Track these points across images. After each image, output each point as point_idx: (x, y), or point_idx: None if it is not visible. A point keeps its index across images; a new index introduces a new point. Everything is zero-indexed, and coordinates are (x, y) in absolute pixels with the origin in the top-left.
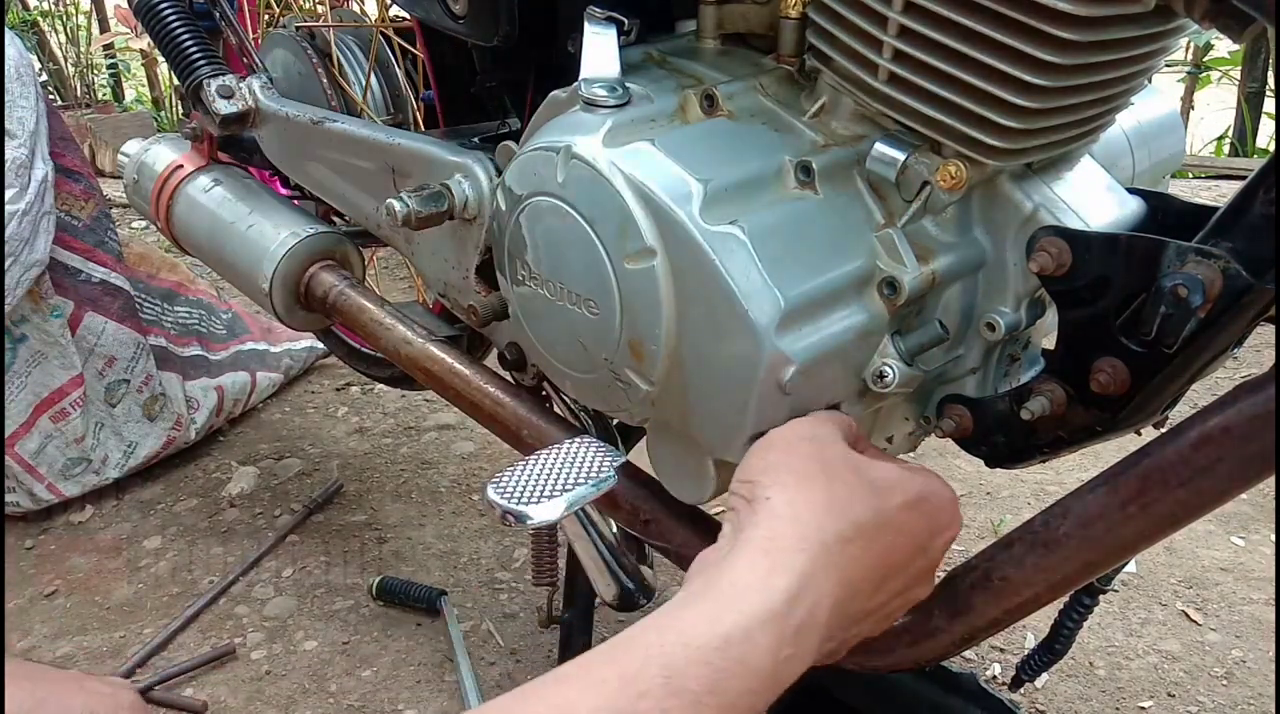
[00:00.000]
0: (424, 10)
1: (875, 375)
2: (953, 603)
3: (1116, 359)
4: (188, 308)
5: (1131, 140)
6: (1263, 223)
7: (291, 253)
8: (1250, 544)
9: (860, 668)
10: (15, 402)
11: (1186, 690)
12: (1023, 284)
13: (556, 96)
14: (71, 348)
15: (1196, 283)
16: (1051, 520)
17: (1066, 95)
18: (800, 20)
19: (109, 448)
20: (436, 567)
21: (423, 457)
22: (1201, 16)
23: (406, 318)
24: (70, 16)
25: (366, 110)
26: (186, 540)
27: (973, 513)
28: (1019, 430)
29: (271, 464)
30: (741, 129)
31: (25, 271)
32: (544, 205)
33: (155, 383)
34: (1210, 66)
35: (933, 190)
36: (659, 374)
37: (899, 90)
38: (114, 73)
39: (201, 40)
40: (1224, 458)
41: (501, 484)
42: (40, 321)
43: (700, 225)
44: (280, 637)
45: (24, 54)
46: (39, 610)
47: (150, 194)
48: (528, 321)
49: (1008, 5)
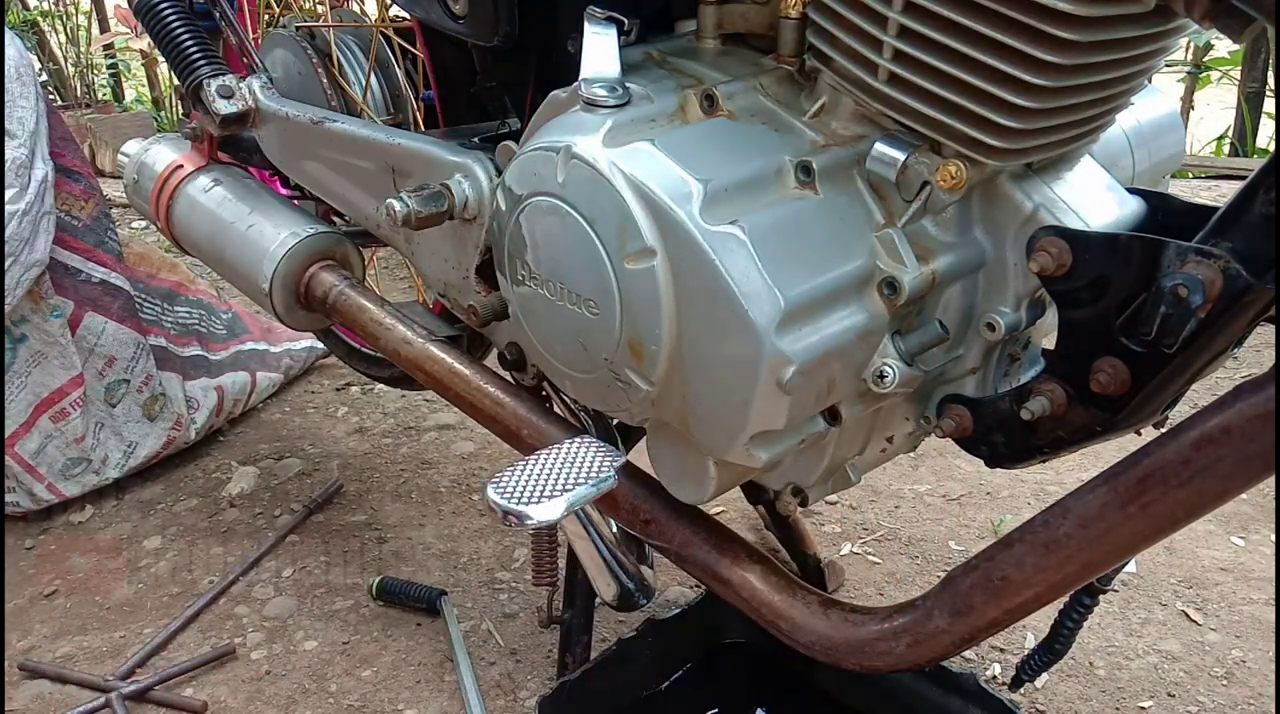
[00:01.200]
0: (424, 10)
1: (875, 375)
2: (953, 603)
3: (1116, 359)
4: (188, 308)
5: (1131, 140)
6: (1263, 223)
7: (291, 253)
8: (1250, 544)
9: (860, 668)
10: (15, 401)
11: (1186, 690)
12: (1023, 284)
13: (556, 96)
14: (71, 348)
15: (1196, 283)
16: (1051, 520)
17: (1067, 95)
18: (800, 20)
19: (109, 448)
20: (436, 567)
21: (423, 457)
22: (1201, 16)
23: (406, 318)
24: (70, 16)
25: (366, 110)
26: (186, 540)
27: (973, 513)
28: (1019, 430)
29: (271, 464)
30: (741, 129)
31: (25, 271)
32: (544, 205)
33: (155, 383)
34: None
35: (933, 190)
36: (659, 374)
37: (899, 90)
38: (114, 73)
39: (201, 40)
40: (1224, 458)
41: (502, 484)
42: (40, 321)
43: (700, 225)
44: (280, 637)
45: (24, 54)
46: (39, 610)
47: (150, 194)
48: (528, 321)
49: (1008, 5)
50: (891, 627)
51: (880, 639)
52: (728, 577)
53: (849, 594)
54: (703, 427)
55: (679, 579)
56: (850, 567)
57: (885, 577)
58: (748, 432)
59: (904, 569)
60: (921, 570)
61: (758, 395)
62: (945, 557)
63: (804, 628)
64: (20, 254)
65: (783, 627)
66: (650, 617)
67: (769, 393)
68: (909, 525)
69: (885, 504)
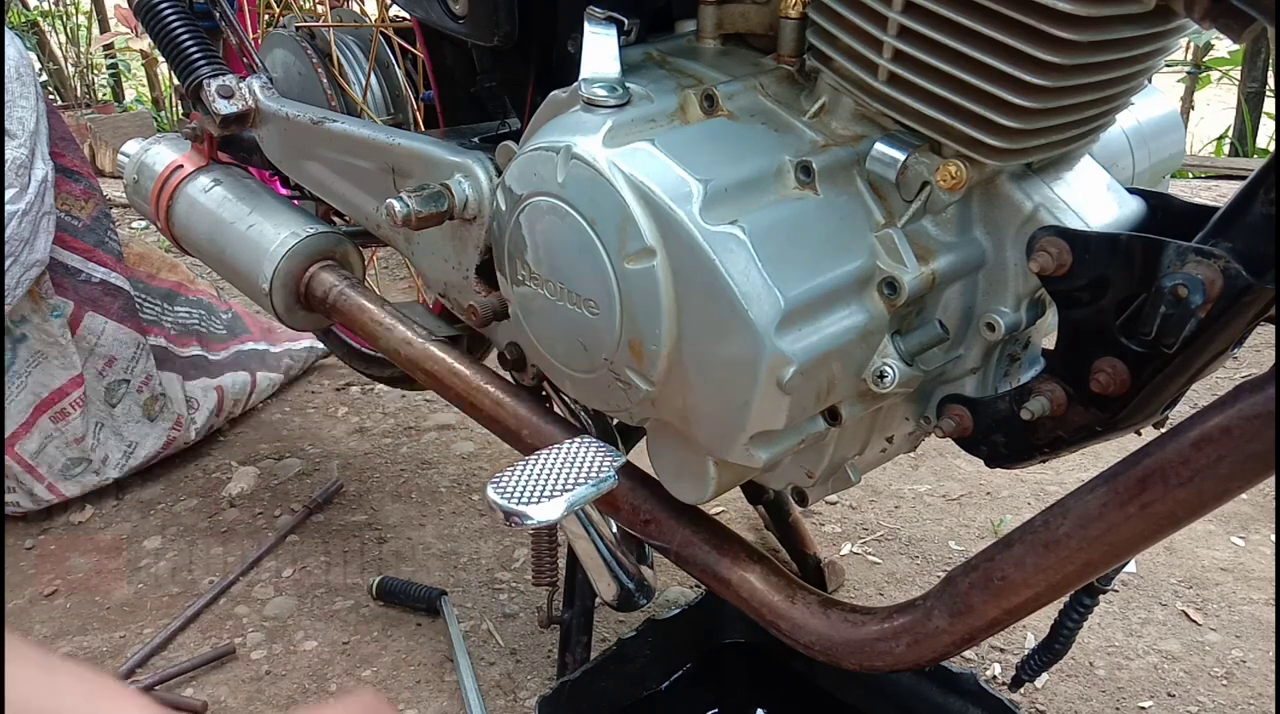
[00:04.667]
0: (424, 10)
1: (875, 375)
2: (953, 603)
3: (1116, 359)
4: (188, 308)
5: (1131, 140)
6: (1263, 223)
7: (292, 253)
8: (1250, 544)
9: (860, 668)
10: (15, 402)
11: (1186, 690)
12: (1023, 284)
13: (556, 96)
14: (71, 348)
15: (1196, 283)
16: (1051, 520)
17: (1067, 95)
18: (800, 20)
19: (109, 448)
20: (436, 567)
21: (423, 457)
22: (1201, 16)
23: (406, 318)
24: (70, 16)
25: (366, 110)
26: (186, 540)
27: (973, 513)
28: (1019, 430)
29: (271, 464)
30: (741, 129)
31: (25, 272)
32: (544, 205)
33: (155, 383)
34: (1210, 66)
35: (933, 190)
36: (659, 374)
37: (899, 90)
38: (114, 73)
39: (201, 40)
40: (1224, 458)
41: (502, 484)
42: (40, 322)
43: (700, 225)
44: (280, 637)
45: (24, 54)
46: (39, 610)
47: (150, 194)
48: (528, 322)
49: (1008, 5)
50: (891, 627)
51: (880, 639)
52: (728, 577)
53: (849, 594)
54: (703, 427)
55: (679, 579)
56: (850, 567)
57: (885, 577)
58: (748, 431)
59: (904, 569)
60: (921, 570)
61: (758, 395)
62: (945, 557)
63: (804, 628)
64: (20, 254)
65: (783, 627)
66: (650, 617)
67: (769, 393)
68: (909, 525)
69: (885, 504)
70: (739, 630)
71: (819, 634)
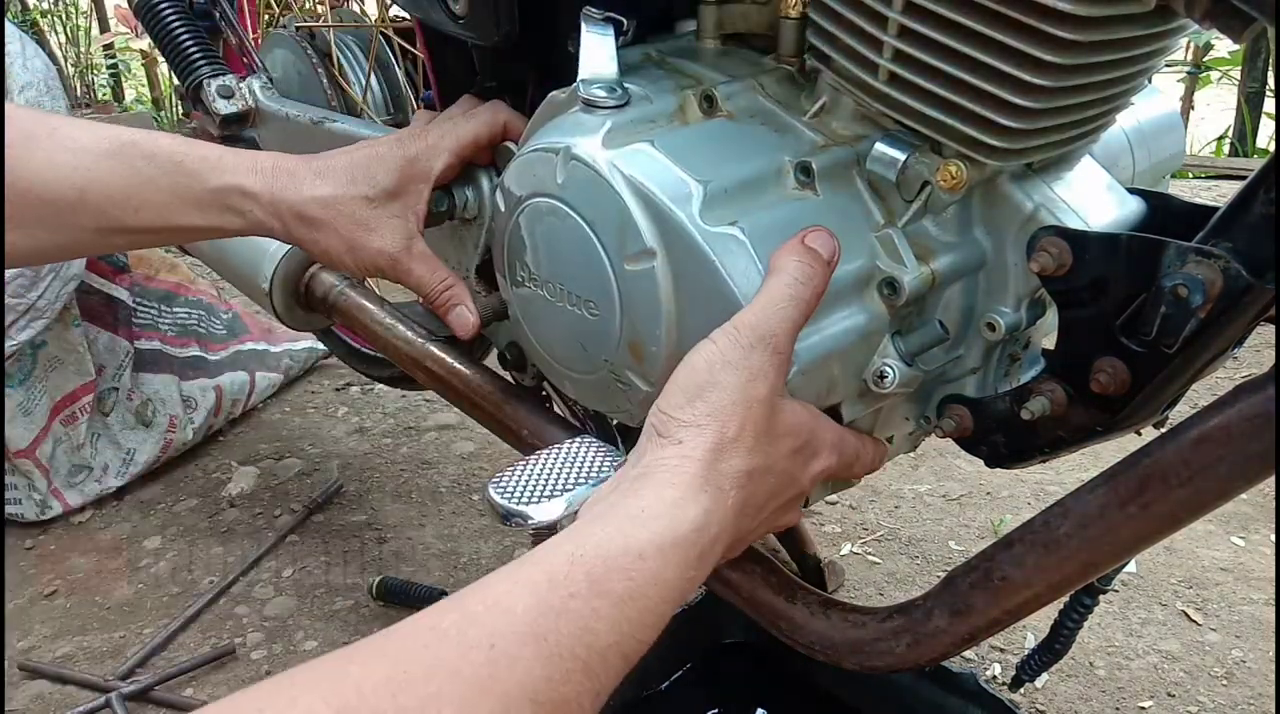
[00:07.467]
0: (424, 10)
1: (875, 375)
2: (953, 603)
3: (1116, 359)
4: (187, 308)
5: (1131, 140)
6: (1263, 223)
7: (292, 252)
8: (1250, 544)
9: (860, 668)
10: (38, 406)
11: (1186, 690)
12: (1023, 284)
13: (556, 97)
14: (88, 356)
15: (1196, 283)
16: (1051, 520)
17: (1067, 95)
18: (800, 20)
19: (108, 456)
20: (436, 567)
21: (423, 457)
22: (1201, 16)
23: (406, 318)
24: (70, 16)
25: (366, 110)
26: (186, 540)
27: (973, 513)
28: (1019, 430)
29: (271, 464)
30: (741, 129)
31: (65, 285)
32: (543, 206)
33: (142, 387)
34: (1210, 66)
35: (933, 190)
36: (659, 375)
37: (899, 90)
38: (114, 73)
39: (201, 40)
40: (1224, 458)
41: (502, 484)
42: (61, 330)
43: (700, 226)
44: (280, 637)
45: (50, 67)
46: (39, 610)
47: None
48: (527, 322)
49: (1008, 5)
50: (891, 627)
51: (880, 639)
52: (728, 577)
53: (849, 594)
54: None
55: None
56: (850, 567)
57: (885, 577)
58: None
59: (904, 569)
60: (921, 570)
61: None
62: (945, 557)
63: (804, 628)
64: (60, 268)
65: (783, 627)
66: None
67: None
68: (909, 525)
69: (885, 504)
70: (739, 630)
71: (819, 634)
